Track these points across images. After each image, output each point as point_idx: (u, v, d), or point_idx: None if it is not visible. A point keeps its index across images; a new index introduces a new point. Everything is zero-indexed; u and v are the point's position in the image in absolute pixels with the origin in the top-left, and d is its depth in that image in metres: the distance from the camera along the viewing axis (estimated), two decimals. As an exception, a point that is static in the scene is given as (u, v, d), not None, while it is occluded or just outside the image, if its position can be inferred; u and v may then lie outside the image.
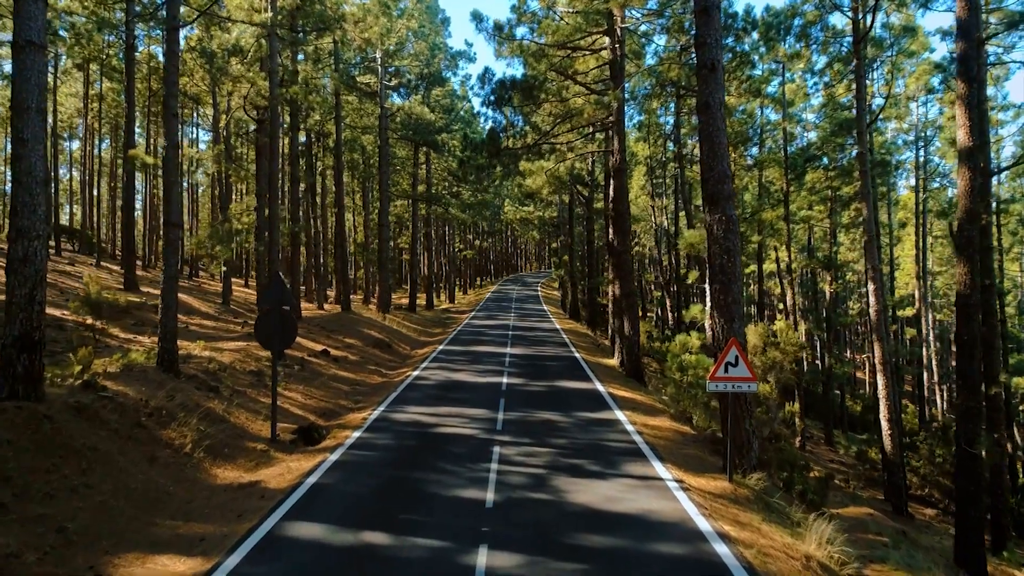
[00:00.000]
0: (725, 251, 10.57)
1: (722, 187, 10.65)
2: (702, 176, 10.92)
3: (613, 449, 11.46)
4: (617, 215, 20.93)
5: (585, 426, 13.12)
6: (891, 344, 18.32)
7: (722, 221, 10.58)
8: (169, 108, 14.26)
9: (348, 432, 12.59)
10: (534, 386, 17.52)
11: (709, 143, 10.74)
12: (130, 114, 27.13)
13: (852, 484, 18.97)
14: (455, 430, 12.66)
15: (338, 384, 18.20)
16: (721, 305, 10.56)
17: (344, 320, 28.02)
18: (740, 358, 10.00)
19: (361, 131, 41.68)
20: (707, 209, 10.79)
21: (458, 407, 14.67)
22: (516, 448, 11.39)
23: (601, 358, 25.34)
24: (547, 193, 29.89)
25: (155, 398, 11.66)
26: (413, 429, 12.73)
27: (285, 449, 11.91)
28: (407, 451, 11.21)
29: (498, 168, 24.86)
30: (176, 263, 14.26)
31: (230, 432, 12.03)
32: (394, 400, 15.56)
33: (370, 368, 21.38)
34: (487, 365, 21.07)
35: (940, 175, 32.23)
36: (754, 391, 10.08)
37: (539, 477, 9.85)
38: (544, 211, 58.40)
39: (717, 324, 10.67)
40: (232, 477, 10.37)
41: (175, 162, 14.38)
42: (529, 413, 14.19)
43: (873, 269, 17.53)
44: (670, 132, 34.83)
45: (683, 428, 14.12)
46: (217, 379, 14.63)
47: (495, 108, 24.41)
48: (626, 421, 13.58)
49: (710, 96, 10.77)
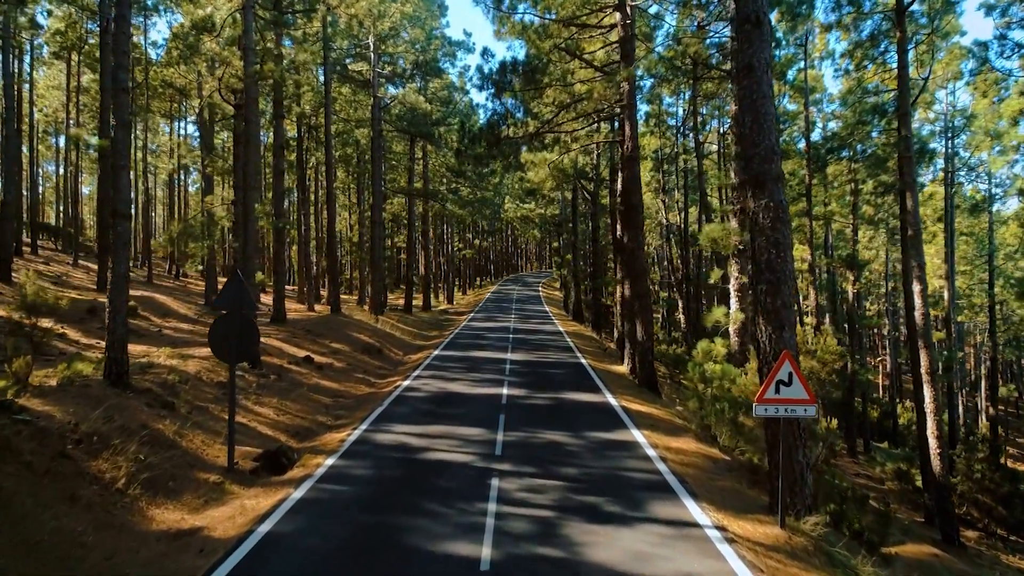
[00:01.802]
0: (773, 244, 8.68)
1: (769, 166, 8.76)
2: (744, 154, 9.04)
3: (635, 482, 9.57)
4: (628, 208, 19.04)
5: (599, 450, 11.24)
6: (937, 352, 16.59)
7: (769, 208, 8.70)
8: (119, 81, 12.39)
9: (321, 458, 10.71)
10: (538, 398, 15.64)
11: (752, 113, 8.86)
12: (104, 102, 25.22)
13: (893, 508, 17.11)
14: (447, 455, 10.78)
15: (319, 396, 16.31)
16: (769, 310, 8.67)
17: (333, 323, 26.14)
18: (795, 375, 8.13)
19: (355, 124, 39.78)
20: (750, 193, 8.91)
21: (451, 425, 12.79)
22: (518, 480, 9.50)
23: (609, 364, 23.45)
24: (550, 187, 28.02)
25: (88, 420, 9.76)
26: (397, 454, 10.85)
27: (244, 480, 10.02)
28: (388, 485, 9.33)
29: (497, 160, 22.94)
30: (126, 259, 12.36)
31: (179, 460, 10.13)
32: (379, 416, 13.67)
33: (357, 377, 19.48)
34: (485, 373, 19.19)
35: (968, 168, 30.40)
36: (812, 416, 8.20)
37: (547, 523, 7.97)
38: (546, 208, 56.51)
39: (763, 333, 8.78)
40: (172, 520, 8.48)
41: (125, 143, 12.50)
42: (533, 433, 12.31)
43: (919, 267, 15.66)
44: (678, 124, 32.92)
45: (711, 451, 12.24)
46: (175, 393, 12.74)
47: (494, 96, 22.53)
48: (646, 443, 11.69)
49: (753, 56, 8.88)
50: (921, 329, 15.41)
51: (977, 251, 37.23)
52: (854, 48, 21.17)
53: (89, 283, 27.53)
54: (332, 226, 29.58)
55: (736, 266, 15.78)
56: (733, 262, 15.86)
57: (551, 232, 69.66)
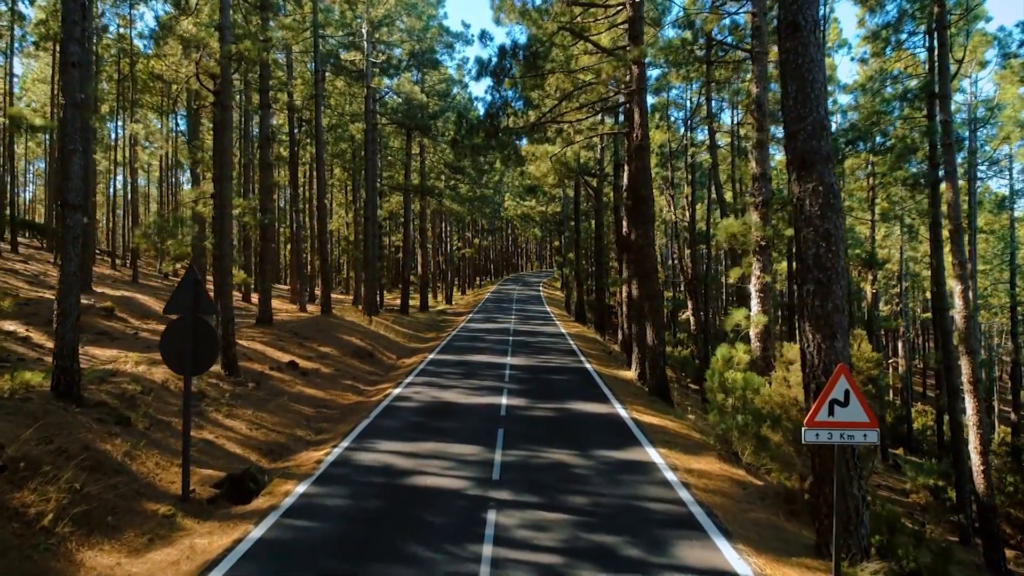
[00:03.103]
0: (823, 236, 7.28)
1: (818, 143, 7.36)
2: (787, 129, 7.64)
3: (656, 515, 8.17)
4: (637, 202, 17.63)
5: (611, 473, 9.84)
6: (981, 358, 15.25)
7: (818, 193, 7.30)
8: (68, 55, 10.99)
9: (291, 484, 9.31)
10: (540, 409, 14.24)
11: (798, 81, 7.46)
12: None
13: (928, 528, 15.75)
14: (437, 480, 9.38)
15: (301, 406, 14.91)
16: (817, 315, 7.27)
17: (323, 325, 24.74)
18: (852, 394, 6.73)
19: (350, 119, 38.35)
20: (794, 176, 7.51)
21: (444, 442, 11.39)
22: (519, 514, 8.11)
23: (615, 369, 22.06)
24: (552, 181, 26.66)
25: (18, 442, 8.37)
26: (380, 479, 9.45)
27: (199, 512, 8.62)
28: (365, 521, 7.93)
29: (496, 151, 21.54)
30: (77, 256, 10.96)
31: (126, 488, 8.73)
32: (364, 431, 12.27)
33: (345, 384, 18.09)
34: (483, 380, 17.81)
35: (991, 162, 28.95)
36: (874, 442, 6.81)
37: (555, 573, 6.57)
38: (547, 206, 55.12)
39: (810, 342, 7.38)
40: (104, 567, 7.08)
41: (77, 125, 11.11)
42: (535, 452, 10.91)
43: (960, 265, 14.28)
44: (687, 116, 31.51)
45: (737, 473, 10.83)
46: (134, 406, 11.35)
47: (494, 89, 21.11)
48: (664, 464, 10.29)
49: (799, 13, 7.48)
50: (963, 333, 14.02)
51: (996, 249, 35.82)
52: (878, 31, 19.77)
53: (67, 283, 26.21)
54: (323, 223, 28.17)
55: (758, 264, 14.39)
56: (754, 260, 14.47)
57: (552, 231, 68.32)
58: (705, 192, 35.37)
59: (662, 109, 33.83)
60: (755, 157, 14.49)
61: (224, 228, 15.88)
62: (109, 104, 41.09)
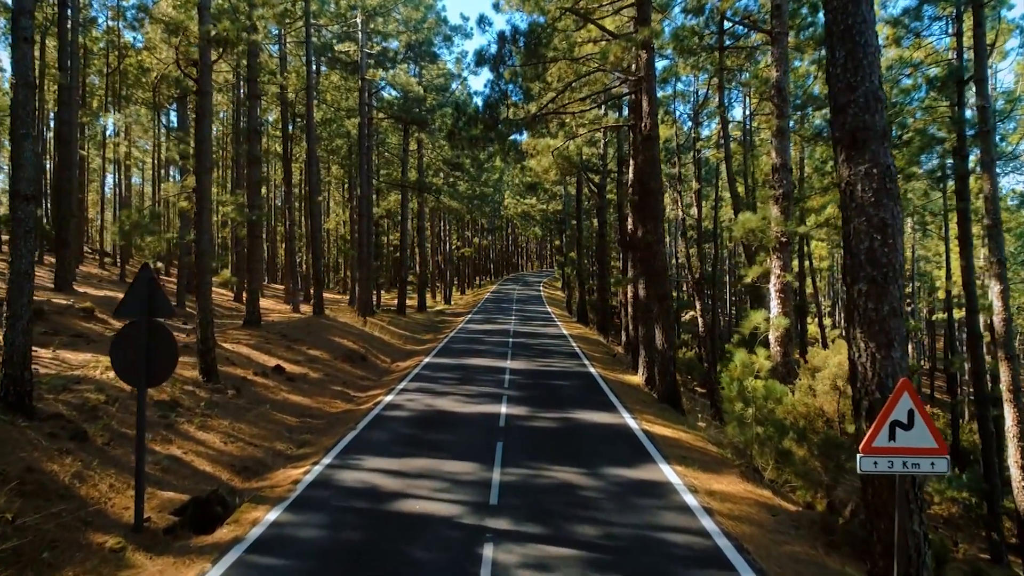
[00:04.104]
0: (877, 227, 6.20)
1: (872, 118, 6.28)
2: (834, 102, 6.56)
3: (677, 551, 7.08)
4: (646, 195, 16.54)
5: (623, 496, 8.75)
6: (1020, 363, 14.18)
7: (871, 176, 6.22)
8: (20, 29, 9.90)
9: (262, 511, 8.22)
10: (543, 419, 13.16)
11: (848, 45, 6.37)
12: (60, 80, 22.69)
13: (962, 548, 14.71)
14: (427, 506, 8.28)
15: (284, 415, 13.82)
16: (871, 320, 6.19)
17: (314, 326, 23.65)
18: (918, 414, 5.65)
19: (345, 114, 37.24)
20: (842, 157, 6.43)
21: (437, 458, 10.31)
22: (519, 549, 7.02)
23: (621, 373, 20.98)
24: (554, 176, 25.56)
25: (-57, 465, 7.30)
26: (363, 504, 8.36)
27: (153, 545, 7.53)
28: (343, 558, 6.84)
29: (495, 143, 20.45)
30: (30, 253, 9.90)
31: (71, 516, 7.65)
32: (350, 445, 11.19)
33: (334, 389, 17.01)
34: (481, 386, 16.72)
35: (1009, 157, 27.84)
36: (943, 472, 5.71)
37: (563, 629, 5.48)
38: (548, 204, 53.98)
39: (861, 352, 6.30)
40: (29, 618, 5.99)
41: (30, 107, 10.04)
42: (537, 470, 9.83)
43: (998, 263, 13.22)
44: (694, 108, 30.39)
45: (763, 494, 9.74)
46: (94, 417, 10.27)
47: (494, 83, 20.02)
48: (682, 485, 9.20)
49: (848, -34, 6.38)
50: (1002, 337, 12.93)
51: (1013, 248, 34.73)
52: (899, 19, 18.68)
53: (49, 282, 25.10)
54: (315, 220, 27.08)
55: (777, 262, 13.30)
56: (773, 257, 13.38)
57: (552, 230, 67.24)
58: (711, 189, 34.27)
59: (665, 104, 32.72)
60: (774, 146, 13.41)
61: (203, 223, 14.79)
62: (98, 99, 40.01)
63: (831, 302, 48.48)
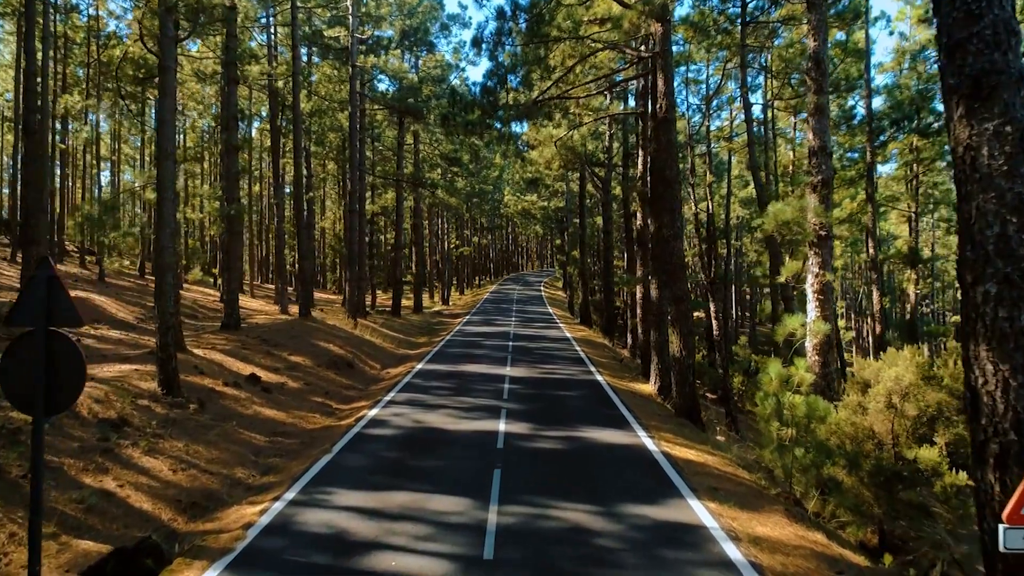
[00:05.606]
0: (1012, 207, 4.53)
1: (1002, 57, 4.62)
2: (946, 39, 4.89)
3: (728, 634, 5.40)
4: (661, 186, 14.87)
5: (649, 546, 7.07)
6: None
7: (1002, 136, 4.56)
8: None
9: (197, 570, 6.54)
10: (546, 439, 11.49)
11: (967, -41, 4.68)
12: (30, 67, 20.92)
13: None
14: (403, 562, 6.61)
15: (252, 433, 12.15)
16: (1003, 333, 4.53)
17: (298, 329, 21.97)
18: (1087, 469, 3.95)
19: (338, 106, 35.54)
20: (959, 112, 4.76)
21: (422, 491, 8.63)
22: (522, 631, 5.34)
23: (630, 381, 19.32)
24: (556, 169, 24.00)
25: None
26: (325, 558, 6.68)
27: (49, 621, 5.86)
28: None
29: (494, 130, 18.79)
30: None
31: (-54, 581, 5.99)
32: (321, 473, 9.52)
33: (314, 401, 15.34)
34: (478, 397, 15.06)
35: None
36: (1123, 552, 4.03)
37: None
38: (549, 201, 52.31)
39: (988, 376, 4.63)
40: None
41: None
42: (543, 508, 8.15)
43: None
44: (706, 95, 28.67)
45: (816, 538, 8.04)
46: (14, 442, 8.59)
47: (491, 61, 18.38)
48: (720, 530, 7.52)
49: None
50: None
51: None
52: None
53: (17, 281, 23.48)
54: (300, 215, 25.41)
55: (816, 259, 11.64)
56: (811, 253, 11.72)
57: (553, 228, 65.59)
58: (724, 184, 32.58)
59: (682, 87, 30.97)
60: (812, 126, 11.74)
61: (164, 215, 13.11)
62: (79, 91, 38.32)
63: (844, 304, 46.79)
